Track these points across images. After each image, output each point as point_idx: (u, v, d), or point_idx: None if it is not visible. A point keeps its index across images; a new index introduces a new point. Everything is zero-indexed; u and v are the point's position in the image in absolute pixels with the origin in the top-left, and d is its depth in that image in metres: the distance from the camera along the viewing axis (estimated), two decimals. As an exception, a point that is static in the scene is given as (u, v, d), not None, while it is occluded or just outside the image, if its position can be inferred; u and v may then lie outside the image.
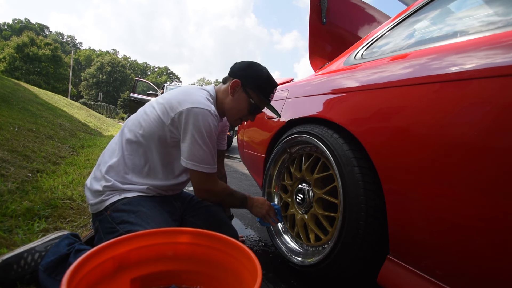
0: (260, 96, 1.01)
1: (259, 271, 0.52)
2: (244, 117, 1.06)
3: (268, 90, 1.03)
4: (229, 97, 1.03)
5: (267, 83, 1.02)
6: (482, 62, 0.58)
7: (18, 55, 26.29)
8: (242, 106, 1.03)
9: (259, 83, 1.01)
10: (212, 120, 0.91)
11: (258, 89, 1.00)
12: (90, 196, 0.92)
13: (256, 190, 2.57)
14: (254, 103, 1.02)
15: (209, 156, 0.92)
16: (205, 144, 0.90)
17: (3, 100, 3.93)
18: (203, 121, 0.89)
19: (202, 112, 0.89)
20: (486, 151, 0.55)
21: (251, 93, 1.01)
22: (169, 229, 0.68)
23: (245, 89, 1.00)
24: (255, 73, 1.01)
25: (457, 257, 0.61)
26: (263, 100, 1.02)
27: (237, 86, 1.01)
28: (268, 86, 1.02)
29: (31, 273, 0.78)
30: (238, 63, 1.05)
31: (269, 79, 1.02)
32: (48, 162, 2.09)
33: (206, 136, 0.89)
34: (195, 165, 0.90)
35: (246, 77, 1.01)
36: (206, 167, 0.91)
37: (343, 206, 0.86)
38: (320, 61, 1.62)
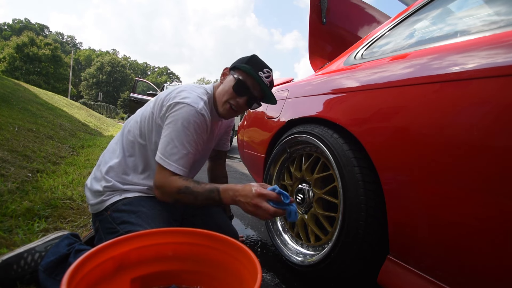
0: (245, 70, 0.93)
1: (259, 271, 0.52)
2: (232, 100, 0.95)
3: (254, 65, 0.94)
4: (219, 85, 1.01)
5: (253, 60, 0.96)
6: (482, 62, 0.58)
7: (18, 55, 26.29)
8: (228, 85, 0.96)
9: (245, 60, 0.96)
10: (195, 117, 0.86)
11: (243, 66, 0.94)
12: (90, 196, 0.92)
13: (256, 190, 2.57)
14: (238, 78, 0.94)
15: (180, 153, 0.85)
16: (178, 140, 0.84)
17: (3, 100, 3.93)
18: (183, 118, 0.85)
19: (185, 108, 0.85)
20: (486, 151, 0.55)
21: (237, 71, 0.96)
22: (169, 229, 0.68)
23: (232, 71, 0.97)
24: (244, 58, 0.98)
25: (457, 257, 0.60)
26: (249, 74, 0.93)
27: (226, 73, 0.99)
28: (254, 63, 0.95)
29: (31, 273, 0.78)
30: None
31: (255, 57, 0.97)
32: (48, 162, 2.09)
33: (183, 133, 0.85)
34: (162, 159, 0.84)
35: (235, 62, 0.99)
36: (171, 164, 0.84)
37: (343, 206, 0.86)
38: (320, 61, 1.62)
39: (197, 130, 0.88)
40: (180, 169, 0.85)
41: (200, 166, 1.15)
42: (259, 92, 0.97)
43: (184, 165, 0.86)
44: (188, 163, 0.88)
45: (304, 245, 1.12)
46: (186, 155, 0.86)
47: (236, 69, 0.96)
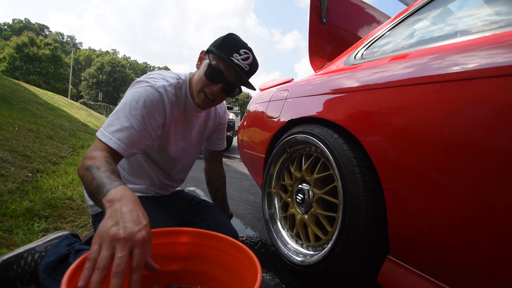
0: (218, 54, 0.81)
1: (259, 271, 0.52)
2: (206, 88, 0.86)
3: (229, 46, 0.83)
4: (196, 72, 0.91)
5: (227, 41, 0.84)
6: (482, 62, 0.58)
7: (18, 55, 26.29)
8: (202, 72, 0.86)
9: (218, 42, 0.84)
10: (148, 93, 0.78)
11: (217, 48, 0.83)
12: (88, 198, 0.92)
13: (256, 190, 2.57)
14: (211, 64, 0.83)
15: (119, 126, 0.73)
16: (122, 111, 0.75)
17: (3, 100, 3.93)
18: (136, 92, 0.78)
19: (142, 85, 0.80)
20: (486, 151, 0.55)
21: (211, 56, 0.85)
22: (169, 229, 0.68)
23: (208, 56, 0.86)
24: (219, 39, 0.86)
25: (457, 257, 0.60)
26: (222, 58, 0.81)
27: (202, 56, 0.89)
28: (227, 43, 0.84)
29: (31, 273, 0.78)
30: None
31: (230, 36, 0.85)
32: (48, 162, 2.09)
33: (129, 106, 0.76)
34: (100, 131, 0.73)
35: (210, 46, 0.86)
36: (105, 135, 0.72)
37: (343, 206, 0.86)
38: (320, 61, 1.62)
39: (149, 106, 0.78)
40: (114, 141, 0.71)
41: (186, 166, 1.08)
42: (235, 77, 0.85)
43: (121, 139, 0.72)
44: (130, 140, 0.74)
45: (304, 245, 1.12)
46: (127, 129, 0.73)
47: (210, 52, 0.85)
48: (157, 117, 0.81)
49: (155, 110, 0.80)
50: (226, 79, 0.85)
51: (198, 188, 2.33)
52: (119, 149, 0.72)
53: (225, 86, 0.86)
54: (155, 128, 0.82)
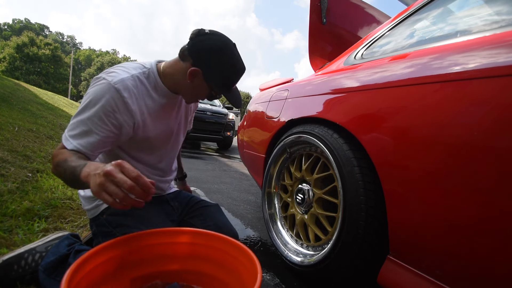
0: (222, 90, 0.86)
1: (259, 271, 0.52)
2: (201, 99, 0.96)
3: (233, 82, 0.88)
4: (186, 81, 0.85)
5: (232, 77, 0.86)
6: (483, 62, 0.58)
7: (18, 55, 26.30)
8: (201, 93, 0.89)
9: (224, 79, 0.85)
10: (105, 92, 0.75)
11: (220, 84, 0.85)
12: (85, 202, 0.91)
13: (256, 190, 2.57)
14: (214, 95, 0.90)
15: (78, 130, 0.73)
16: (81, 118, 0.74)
17: (3, 100, 3.93)
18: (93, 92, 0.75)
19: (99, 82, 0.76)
20: (486, 151, 0.55)
21: (213, 85, 0.86)
22: (169, 229, 0.68)
23: (207, 80, 0.84)
24: (220, 67, 0.83)
25: (457, 257, 0.60)
26: (225, 92, 0.87)
27: (197, 75, 0.84)
28: (232, 80, 0.87)
29: (31, 274, 0.78)
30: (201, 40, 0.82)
31: (236, 73, 0.86)
32: (48, 162, 2.09)
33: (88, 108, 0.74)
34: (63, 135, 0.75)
35: (208, 69, 0.82)
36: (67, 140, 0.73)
37: (343, 206, 0.86)
38: (320, 61, 1.62)
39: (106, 106, 0.75)
40: (75, 146, 0.72)
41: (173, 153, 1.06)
42: None
43: (82, 144, 0.72)
44: (90, 144, 0.73)
45: (304, 245, 1.12)
46: (87, 133, 0.73)
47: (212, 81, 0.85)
48: (118, 116, 0.78)
49: (114, 110, 0.76)
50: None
51: (198, 188, 2.33)
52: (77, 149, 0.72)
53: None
54: (120, 126, 0.79)
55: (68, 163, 0.66)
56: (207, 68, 0.82)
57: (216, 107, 6.45)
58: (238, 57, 0.86)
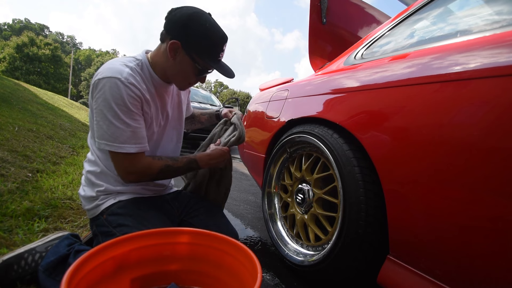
0: (206, 60, 0.85)
1: (259, 271, 0.52)
2: (192, 82, 0.93)
3: (216, 51, 0.85)
4: (170, 61, 0.86)
5: (213, 42, 0.83)
6: (483, 62, 0.58)
7: (18, 55, 26.31)
8: (188, 71, 0.87)
9: (204, 45, 0.83)
10: (122, 89, 0.77)
11: (203, 53, 0.84)
12: (85, 202, 0.91)
13: (256, 190, 2.57)
14: (199, 68, 0.86)
15: (125, 132, 0.79)
16: (116, 119, 0.77)
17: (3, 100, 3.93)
18: (110, 92, 0.76)
19: (109, 82, 0.77)
20: (486, 151, 0.55)
21: (195, 57, 0.84)
22: (169, 229, 0.68)
23: (188, 52, 0.83)
24: (197, 32, 0.81)
25: (457, 257, 0.60)
26: (211, 62, 0.86)
27: (177, 49, 0.83)
28: (214, 46, 0.84)
29: (31, 274, 0.78)
30: (173, 14, 0.83)
31: (213, 35, 0.83)
32: (48, 162, 2.09)
33: (117, 109, 0.77)
34: (109, 145, 0.79)
35: (186, 38, 0.81)
36: (123, 146, 0.79)
37: (343, 206, 0.86)
38: (320, 61, 1.62)
39: (133, 102, 0.80)
40: (137, 147, 0.81)
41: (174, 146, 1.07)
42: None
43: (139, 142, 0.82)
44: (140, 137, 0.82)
45: (304, 245, 1.12)
46: (131, 131, 0.80)
47: (192, 52, 0.84)
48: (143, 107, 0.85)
49: (138, 103, 0.82)
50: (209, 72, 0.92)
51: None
52: (141, 149, 0.83)
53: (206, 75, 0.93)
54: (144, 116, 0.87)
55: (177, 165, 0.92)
56: (184, 37, 0.82)
57: (216, 107, 6.45)
58: (215, 23, 0.85)
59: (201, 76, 0.92)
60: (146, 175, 0.86)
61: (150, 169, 0.85)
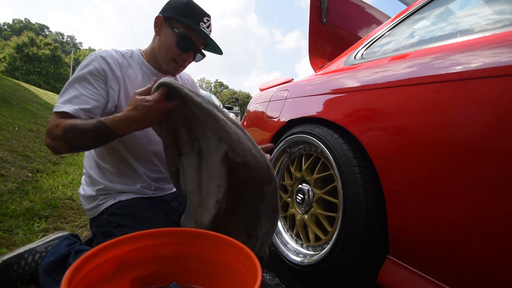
0: (185, 22, 0.86)
1: (259, 271, 0.52)
2: (176, 56, 0.90)
3: (194, 15, 0.87)
4: (157, 39, 0.91)
5: (190, 8, 0.87)
6: (483, 62, 0.58)
7: (18, 55, 26.33)
8: (170, 41, 0.88)
9: (181, 9, 0.86)
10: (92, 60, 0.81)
11: (181, 16, 0.86)
12: (85, 202, 0.91)
13: (256, 190, 2.56)
14: (179, 32, 0.86)
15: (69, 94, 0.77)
16: (70, 84, 0.79)
17: (3, 100, 3.93)
18: (81, 64, 0.82)
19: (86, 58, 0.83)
20: (486, 151, 0.55)
21: (175, 23, 0.87)
22: (169, 229, 0.68)
23: (169, 22, 0.87)
24: (175, 1, 0.88)
25: (457, 257, 0.60)
26: (190, 26, 0.86)
27: (160, 23, 0.89)
28: (192, 11, 0.87)
29: (31, 274, 0.78)
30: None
31: (191, 3, 0.88)
32: (48, 162, 2.09)
33: (76, 76, 0.80)
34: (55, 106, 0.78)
35: (167, 9, 0.89)
36: (59, 106, 0.76)
37: (343, 206, 0.86)
38: (320, 61, 1.62)
39: (94, 72, 0.80)
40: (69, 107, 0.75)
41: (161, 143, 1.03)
42: (202, 44, 0.92)
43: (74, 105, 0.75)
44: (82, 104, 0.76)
45: (304, 245, 1.12)
46: (77, 97, 0.77)
47: (174, 20, 0.87)
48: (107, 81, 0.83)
49: (100, 75, 0.82)
50: (197, 47, 0.91)
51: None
52: (75, 113, 0.75)
53: (195, 53, 0.92)
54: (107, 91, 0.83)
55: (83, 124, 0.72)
56: (165, 11, 0.89)
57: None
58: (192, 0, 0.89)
59: (185, 50, 0.89)
60: (54, 134, 0.74)
61: (58, 127, 0.73)
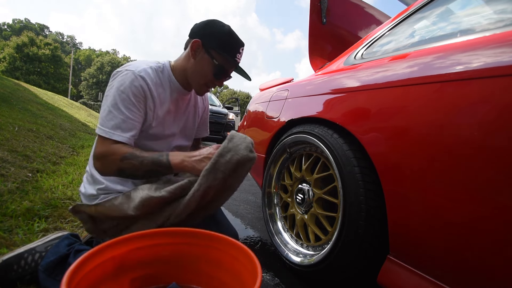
0: (224, 56, 0.89)
1: (259, 271, 0.52)
2: (210, 83, 0.95)
3: (233, 48, 0.91)
4: (191, 61, 0.92)
5: (231, 40, 0.90)
6: (483, 62, 0.58)
7: (18, 55, 26.31)
8: (206, 69, 0.91)
9: (222, 41, 0.89)
10: (132, 80, 0.81)
11: (220, 48, 0.89)
12: (85, 200, 0.91)
13: (256, 190, 2.57)
14: (218, 64, 0.90)
15: (116, 119, 0.79)
16: (114, 105, 0.79)
17: (3, 100, 3.93)
18: (119, 82, 0.81)
19: (122, 73, 0.82)
20: (486, 151, 0.55)
21: (214, 53, 0.90)
22: (169, 229, 0.68)
23: (207, 49, 0.89)
24: (216, 30, 0.90)
25: (457, 257, 0.60)
26: (228, 60, 0.90)
27: (197, 47, 0.90)
28: (232, 44, 0.91)
29: (31, 274, 0.78)
30: (197, 23, 0.93)
31: (231, 35, 0.90)
32: (48, 162, 2.09)
33: (118, 96, 0.80)
34: (99, 128, 0.79)
35: (206, 35, 0.89)
36: (107, 131, 0.78)
37: (343, 206, 0.86)
38: (320, 61, 1.62)
39: (136, 94, 0.82)
40: (122, 136, 0.79)
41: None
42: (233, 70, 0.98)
43: (126, 131, 0.80)
44: (131, 130, 0.81)
45: (304, 245, 1.12)
46: (125, 121, 0.80)
47: (213, 50, 0.89)
48: (147, 102, 0.87)
49: (142, 96, 0.84)
50: (229, 75, 0.97)
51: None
52: (128, 142, 0.81)
53: (226, 79, 0.97)
54: (145, 112, 0.87)
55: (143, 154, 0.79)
56: (204, 37, 0.90)
57: (216, 107, 6.45)
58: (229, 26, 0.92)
59: (219, 79, 0.94)
60: (110, 160, 0.78)
61: (115, 154, 0.77)
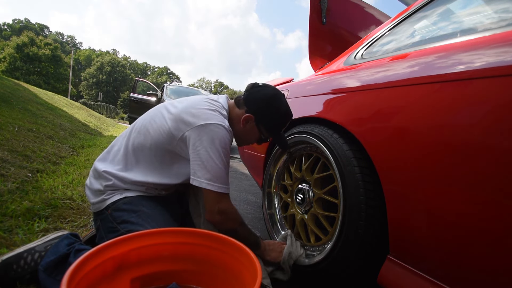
0: (272, 133, 1.02)
1: (259, 271, 0.52)
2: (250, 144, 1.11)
3: (281, 128, 1.04)
4: (239, 125, 1.00)
5: (283, 121, 1.03)
6: (484, 61, 0.58)
7: (18, 55, 26.31)
8: (251, 137, 1.04)
9: (274, 124, 1.01)
10: (226, 135, 0.88)
11: (271, 129, 1.01)
12: (91, 195, 0.92)
13: (256, 190, 2.57)
14: (264, 138, 1.04)
15: (224, 173, 0.87)
16: (220, 161, 0.86)
17: (3, 100, 3.93)
18: (218, 137, 0.86)
19: (216, 128, 0.87)
20: (486, 151, 0.55)
21: (263, 129, 1.01)
22: (169, 229, 0.68)
23: (258, 125, 1.00)
24: (273, 113, 0.99)
25: (457, 257, 0.60)
26: (275, 136, 1.04)
27: (249, 120, 0.99)
28: (283, 124, 1.03)
29: (31, 273, 0.78)
30: (256, 91, 1.00)
31: (285, 117, 1.02)
32: (48, 162, 2.09)
33: (222, 152, 0.86)
34: (210, 184, 0.84)
35: (262, 115, 0.99)
36: (221, 186, 0.86)
37: (343, 206, 0.86)
38: (320, 61, 1.62)
39: (229, 145, 0.91)
40: (229, 188, 0.90)
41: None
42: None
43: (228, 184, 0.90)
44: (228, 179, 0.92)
45: (304, 245, 1.12)
46: (226, 172, 0.90)
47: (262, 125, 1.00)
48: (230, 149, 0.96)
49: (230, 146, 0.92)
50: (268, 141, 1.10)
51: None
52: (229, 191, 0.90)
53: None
54: None
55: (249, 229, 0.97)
56: (258, 114, 0.98)
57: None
58: (286, 105, 1.02)
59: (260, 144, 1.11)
60: (232, 219, 0.89)
61: (237, 216, 0.91)
